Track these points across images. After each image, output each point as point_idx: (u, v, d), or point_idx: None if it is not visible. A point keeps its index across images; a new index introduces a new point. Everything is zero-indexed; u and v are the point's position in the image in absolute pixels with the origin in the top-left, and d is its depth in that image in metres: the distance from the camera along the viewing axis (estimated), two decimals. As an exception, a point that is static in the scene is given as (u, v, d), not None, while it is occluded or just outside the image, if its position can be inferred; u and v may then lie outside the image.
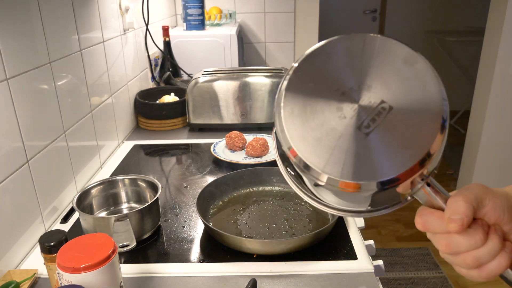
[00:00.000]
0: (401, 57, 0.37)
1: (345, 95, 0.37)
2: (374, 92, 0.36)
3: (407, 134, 0.35)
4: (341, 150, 0.36)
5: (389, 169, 0.35)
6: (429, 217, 0.38)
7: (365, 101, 0.36)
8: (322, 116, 0.37)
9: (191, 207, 0.98)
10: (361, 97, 0.37)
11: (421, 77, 0.37)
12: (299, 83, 0.38)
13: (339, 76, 0.37)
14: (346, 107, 0.37)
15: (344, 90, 0.37)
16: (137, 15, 1.57)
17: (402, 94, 0.36)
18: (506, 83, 2.23)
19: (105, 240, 0.62)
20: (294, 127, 0.37)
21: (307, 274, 0.75)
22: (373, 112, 0.36)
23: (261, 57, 2.46)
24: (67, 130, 1.01)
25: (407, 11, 4.01)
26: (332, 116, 0.37)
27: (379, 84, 0.37)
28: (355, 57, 0.38)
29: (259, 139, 1.22)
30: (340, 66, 0.38)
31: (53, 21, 0.94)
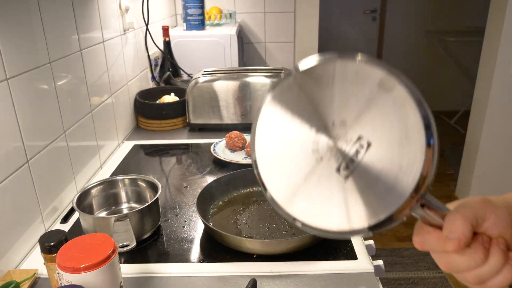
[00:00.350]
0: (375, 83, 0.33)
1: (319, 133, 0.34)
2: (350, 128, 0.33)
3: (391, 168, 0.32)
4: (321, 197, 0.34)
5: (379, 211, 0.32)
6: (426, 236, 0.36)
7: (342, 139, 0.33)
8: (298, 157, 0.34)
9: (191, 207, 0.98)
10: (336, 134, 0.33)
11: (398, 104, 0.32)
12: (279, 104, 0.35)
13: (314, 108, 0.34)
14: (322, 147, 0.33)
15: (318, 127, 0.34)
16: (137, 15, 1.57)
17: (379, 126, 0.32)
18: (506, 83, 2.23)
19: (105, 240, 0.62)
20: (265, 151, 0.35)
21: (307, 274, 0.75)
22: (350, 151, 0.33)
23: (261, 57, 2.46)
24: (67, 130, 1.01)
25: (407, 11, 4.01)
26: (308, 157, 0.34)
27: (353, 118, 0.33)
28: (326, 87, 0.34)
29: (259, 139, 1.22)
30: (311, 99, 0.34)
31: (53, 21, 0.94)
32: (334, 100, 0.33)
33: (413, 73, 4.22)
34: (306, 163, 0.34)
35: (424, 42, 4.09)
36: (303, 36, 2.43)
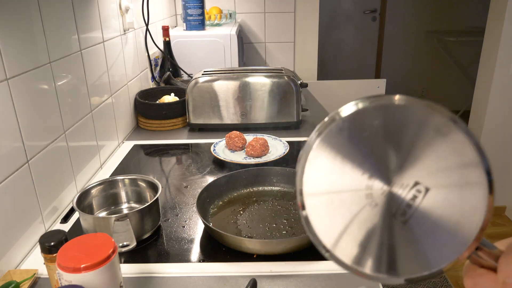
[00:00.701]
0: (432, 127, 0.31)
1: (373, 178, 0.32)
2: (406, 172, 0.32)
3: (451, 215, 0.31)
4: (375, 243, 0.32)
5: (437, 261, 0.31)
6: (479, 279, 0.33)
7: (397, 184, 0.32)
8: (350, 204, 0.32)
9: (191, 207, 0.98)
10: (392, 179, 0.32)
11: (456, 148, 0.31)
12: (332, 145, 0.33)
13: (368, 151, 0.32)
14: (376, 192, 0.32)
15: (371, 173, 0.32)
16: (137, 15, 1.57)
17: (437, 171, 0.31)
18: (506, 83, 2.23)
19: (105, 240, 0.62)
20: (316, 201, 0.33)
21: (307, 274, 0.75)
22: (407, 196, 0.32)
23: (261, 57, 2.46)
24: (67, 130, 1.01)
25: (407, 11, 4.01)
26: (361, 203, 0.32)
27: (410, 162, 0.32)
28: (378, 132, 0.32)
29: (259, 139, 1.22)
30: (363, 143, 0.33)
31: (53, 21, 0.94)
32: (388, 145, 0.32)
33: (413, 73, 4.22)
34: (359, 209, 0.32)
35: (424, 42, 4.09)
36: (303, 36, 2.43)
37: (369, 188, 0.32)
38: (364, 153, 0.33)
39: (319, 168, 0.34)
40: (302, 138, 1.39)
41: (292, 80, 1.41)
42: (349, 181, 0.33)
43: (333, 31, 4.06)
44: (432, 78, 4.23)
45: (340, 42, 4.12)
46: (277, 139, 1.30)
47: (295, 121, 1.45)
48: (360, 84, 2.44)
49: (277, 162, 1.17)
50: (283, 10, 2.36)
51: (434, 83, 4.24)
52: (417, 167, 0.32)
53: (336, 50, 4.13)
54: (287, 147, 1.24)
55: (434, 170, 0.31)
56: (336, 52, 4.14)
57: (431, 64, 4.17)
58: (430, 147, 0.31)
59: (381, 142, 0.32)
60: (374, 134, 0.32)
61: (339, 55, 4.16)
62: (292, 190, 1.02)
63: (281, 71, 1.46)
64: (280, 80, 1.41)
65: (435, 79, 4.23)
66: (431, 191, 0.31)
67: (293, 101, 1.42)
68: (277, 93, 1.41)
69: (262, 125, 1.45)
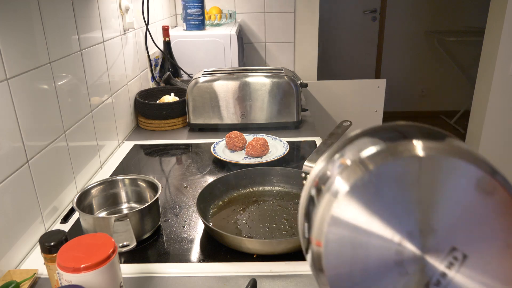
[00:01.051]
0: (472, 185, 0.27)
1: (403, 242, 0.28)
2: (441, 237, 0.28)
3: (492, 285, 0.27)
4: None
5: None
6: None
7: (431, 250, 0.28)
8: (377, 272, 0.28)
9: (191, 207, 0.98)
10: (425, 244, 0.28)
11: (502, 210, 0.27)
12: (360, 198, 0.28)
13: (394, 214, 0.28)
14: (407, 259, 0.28)
15: (401, 236, 0.28)
16: (137, 15, 1.57)
17: (477, 235, 0.27)
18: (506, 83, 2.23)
19: (105, 240, 0.62)
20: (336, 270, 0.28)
21: (307, 274, 0.75)
22: (442, 263, 0.28)
23: (261, 57, 2.46)
24: (67, 130, 1.01)
25: (407, 11, 4.01)
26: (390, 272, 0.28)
27: (446, 225, 0.27)
28: (410, 188, 0.28)
29: (259, 139, 1.22)
30: (394, 199, 0.28)
31: (53, 21, 0.94)
32: (422, 202, 0.28)
33: (413, 73, 4.22)
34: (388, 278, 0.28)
35: (424, 42, 4.09)
36: (303, 36, 2.43)
37: (400, 253, 0.28)
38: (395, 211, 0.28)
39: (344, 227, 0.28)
40: (302, 138, 1.39)
41: (292, 80, 1.41)
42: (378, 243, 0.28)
43: (333, 31, 4.06)
44: (432, 78, 4.23)
45: (340, 42, 4.11)
46: (277, 139, 1.30)
47: (295, 121, 1.45)
48: (360, 84, 2.44)
49: (277, 162, 1.17)
50: (283, 10, 2.36)
51: (434, 83, 4.24)
52: (454, 230, 0.27)
53: (336, 50, 4.13)
54: (287, 147, 1.24)
55: (474, 234, 0.27)
56: (336, 52, 4.14)
57: (431, 64, 4.17)
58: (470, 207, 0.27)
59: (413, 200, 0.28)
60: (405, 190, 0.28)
61: (339, 55, 4.16)
62: (292, 190, 1.02)
63: (281, 71, 1.46)
64: (280, 80, 1.41)
65: (435, 79, 4.23)
66: (469, 258, 0.27)
67: (293, 101, 1.42)
68: (277, 93, 1.41)
69: (262, 125, 1.45)
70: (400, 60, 4.17)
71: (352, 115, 2.47)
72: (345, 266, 0.28)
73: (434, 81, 4.24)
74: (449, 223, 0.27)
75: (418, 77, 4.23)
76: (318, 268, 0.29)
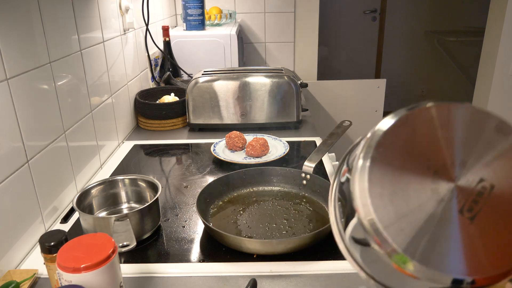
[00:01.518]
0: (493, 128, 0.32)
1: (438, 173, 0.32)
2: (470, 169, 0.32)
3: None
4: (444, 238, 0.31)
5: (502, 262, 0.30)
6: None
7: (462, 180, 0.32)
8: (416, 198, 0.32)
9: (191, 207, 0.98)
10: (457, 175, 0.32)
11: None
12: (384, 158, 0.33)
13: (428, 151, 0.33)
14: (442, 187, 0.32)
15: (436, 168, 0.32)
16: (137, 15, 1.57)
17: (501, 169, 0.32)
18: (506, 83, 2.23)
19: (105, 240, 0.62)
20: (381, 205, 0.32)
21: (307, 274, 0.75)
22: (473, 192, 0.32)
23: (261, 57, 2.46)
24: (67, 130, 1.01)
25: (407, 11, 4.01)
26: (427, 198, 0.32)
27: (474, 160, 0.32)
28: (442, 130, 0.33)
29: (259, 139, 1.22)
30: (427, 140, 0.33)
31: (53, 21, 0.94)
32: (451, 142, 0.32)
33: (413, 73, 4.22)
34: (426, 205, 0.32)
35: (424, 42, 4.09)
36: (303, 36, 2.43)
37: (435, 183, 0.32)
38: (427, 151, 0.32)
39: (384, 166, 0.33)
40: (302, 138, 1.39)
41: (292, 80, 1.41)
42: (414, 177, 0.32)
43: (333, 31, 4.06)
44: (432, 78, 4.23)
45: (340, 42, 4.12)
46: (277, 139, 1.30)
47: (295, 121, 1.45)
48: (360, 84, 2.44)
49: (277, 162, 1.17)
50: (283, 10, 2.36)
51: (434, 83, 4.24)
52: (481, 165, 0.32)
53: (336, 50, 4.13)
54: (287, 147, 1.24)
55: (498, 167, 0.31)
56: (336, 52, 4.14)
57: (431, 64, 4.17)
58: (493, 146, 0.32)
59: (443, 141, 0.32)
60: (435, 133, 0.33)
61: (339, 55, 4.16)
62: (292, 190, 1.02)
63: (281, 71, 1.46)
64: (280, 80, 1.41)
65: (435, 79, 4.23)
66: (496, 187, 0.31)
67: (293, 101, 1.42)
68: (277, 93, 1.41)
69: (262, 125, 1.45)
70: (400, 60, 4.18)
71: (352, 115, 2.47)
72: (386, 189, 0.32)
73: (434, 81, 4.24)
74: (476, 157, 0.32)
75: (418, 77, 4.23)
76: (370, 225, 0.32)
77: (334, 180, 0.41)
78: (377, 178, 0.33)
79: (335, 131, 1.15)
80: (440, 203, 0.32)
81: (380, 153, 0.33)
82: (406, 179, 0.32)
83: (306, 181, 1.01)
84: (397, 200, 0.32)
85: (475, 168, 0.32)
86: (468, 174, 0.32)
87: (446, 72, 4.17)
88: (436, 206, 0.32)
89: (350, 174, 0.35)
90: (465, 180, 0.32)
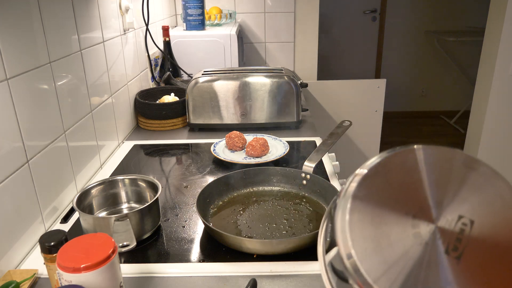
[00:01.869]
0: (460, 164, 0.33)
1: (417, 217, 0.33)
2: (447, 208, 0.32)
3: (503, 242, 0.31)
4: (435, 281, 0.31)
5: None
6: None
7: (442, 220, 0.32)
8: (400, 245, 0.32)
9: (191, 207, 0.98)
10: (436, 216, 0.32)
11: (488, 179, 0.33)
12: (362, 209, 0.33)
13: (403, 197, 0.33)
14: (423, 230, 0.32)
15: (414, 212, 0.33)
16: (137, 15, 1.57)
17: (477, 202, 0.32)
18: (506, 83, 2.23)
19: (105, 240, 0.62)
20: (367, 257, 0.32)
21: (307, 274, 0.75)
22: (454, 231, 0.32)
23: (261, 57, 2.46)
24: (67, 130, 1.01)
25: (407, 11, 4.01)
26: (411, 243, 0.32)
27: (449, 198, 0.33)
28: (412, 174, 0.34)
29: (259, 139, 1.22)
30: (400, 187, 0.34)
31: (53, 21, 0.94)
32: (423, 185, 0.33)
33: (413, 73, 4.22)
34: (411, 251, 0.32)
35: (424, 42, 4.10)
36: (303, 36, 2.43)
37: (416, 226, 0.32)
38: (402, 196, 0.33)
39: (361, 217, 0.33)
40: (302, 138, 1.39)
41: (292, 80, 1.41)
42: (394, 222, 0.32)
43: (333, 31, 4.06)
44: (432, 78, 4.23)
45: (340, 42, 4.12)
46: (277, 139, 1.30)
47: (295, 121, 1.45)
48: (360, 84, 2.44)
49: (277, 162, 1.17)
50: (283, 10, 2.36)
51: (434, 83, 4.24)
52: (457, 202, 0.32)
53: (336, 50, 4.13)
54: (287, 147, 1.24)
55: (474, 202, 0.32)
56: (336, 52, 4.14)
57: (431, 64, 4.18)
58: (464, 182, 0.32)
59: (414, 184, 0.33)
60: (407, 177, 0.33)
61: (339, 55, 4.16)
62: (292, 190, 1.02)
63: (281, 71, 1.46)
64: (280, 80, 1.41)
65: (435, 79, 4.23)
66: (476, 222, 0.31)
67: (293, 101, 1.42)
68: (277, 93, 1.41)
69: (262, 125, 1.45)
70: (400, 60, 4.18)
71: (352, 115, 2.47)
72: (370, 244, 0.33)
73: (434, 81, 4.24)
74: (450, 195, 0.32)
75: (418, 77, 4.23)
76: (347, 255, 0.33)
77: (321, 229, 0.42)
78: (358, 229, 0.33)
79: (335, 131, 1.15)
80: (425, 246, 0.32)
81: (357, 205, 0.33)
82: (386, 227, 0.33)
83: (306, 181, 1.01)
84: (382, 250, 0.32)
85: (452, 206, 0.32)
86: (446, 213, 0.32)
87: (446, 72, 4.17)
88: (422, 250, 0.32)
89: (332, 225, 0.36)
90: (444, 220, 0.32)
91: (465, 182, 0.33)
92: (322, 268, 0.37)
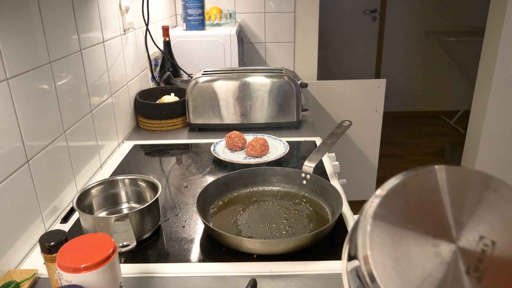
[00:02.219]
0: (483, 185, 0.33)
1: (438, 236, 0.32)
2: (468, 228, 0.32)
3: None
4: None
5: None
6: None
7: (463, 240, 0.32)
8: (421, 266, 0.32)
9: (191, 207, 0.98)
10: (457, 236, 0.32)
11: (510, 200, 0.32)
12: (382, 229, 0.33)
13: (423, 217, 0.33)
14: (444, 250, 0.32)
15: (435, 231, 0.33)
16: (137, 15, 1.57)
17: (499, 223, 0.32)
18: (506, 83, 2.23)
19: (105, 240, 0.62)
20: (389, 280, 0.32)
21: (307, 274, 0.75)
22: (475, 251, 0.31)
23: (261, 57, 2.46)
24: (67, 130, 1.01)
25: (407, 11, 4.01)
26: (433, 264, 0.32)
27: (470, 219, 0.32)
28: (432, 194, 0.34)
29: (259, 139, 1.22)
30: (420, 206, 0.34)
31: (53, 21, 0.94)
32: (443, 205, 0.33)
33: (413, 73, 4.22)
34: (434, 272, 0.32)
35: (424, 42, 4.10)
36: (303, 36, 2.43)
37: (436, 245, 0.32)
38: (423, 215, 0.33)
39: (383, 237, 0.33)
40: (302, 138, 1.39)
41: (292, 80, 1.41)
42: (414, 241, 0.32)
43: (333, 31, 4.06)
44: (432, 78, 4.23)
45: (340, 42, 4.12)
46: (277, 139, 1.30)
47: (295, 121, 1.45)
48: (360, 84, 2.44)
49: (277, 162, 1.17)
50: (283, 10, 2.36)
51: (434, 83, 4.24)
52: (478, 223, 0.32)
53: (336, 50, 4.13)
54: (287, 147, 1.24)
55: (495, 223, 0.32)
56: (336, 52, 4.14)
57: (431, 64, 4.18)
58: (484, 202, 0.32)
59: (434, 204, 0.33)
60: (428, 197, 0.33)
61: (339, 55, 4.16)
62: (292, 190, 1.02)
63: (281, 71, 1.46)
64: (280, 80, 1.41)
65: (435, 79, 4.23)
66: (498, 243, 0.31)
67: (293, 101, 1.42)
68: (277, 93, 1.41)
69: (262, 125, 1.45)
70: (400, 60, 4.18)
71: (352, 115, 2.47)
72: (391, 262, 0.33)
73: (434, 81, 4.24)
74: (472, 216, 0.32)
75: (418, 77, 4.24)
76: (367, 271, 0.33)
77: None
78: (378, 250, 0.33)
79: (335, 131, 1.15)
80: (447, 266, 0.32)
81: (377, 225, 0.34)
82: (407, 247, 0.33)
83: (306, 181, 1.01)
84: (403, 270, 0.32)
85: (473, 227, 0.32)
86: (467, 233, 0.32)
87: (446, 72, 4.17)
88: (445, 270, 0.32)
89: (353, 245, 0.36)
90: (465, 240, 0.32)
91: (486, 202, 0.32)
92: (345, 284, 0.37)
